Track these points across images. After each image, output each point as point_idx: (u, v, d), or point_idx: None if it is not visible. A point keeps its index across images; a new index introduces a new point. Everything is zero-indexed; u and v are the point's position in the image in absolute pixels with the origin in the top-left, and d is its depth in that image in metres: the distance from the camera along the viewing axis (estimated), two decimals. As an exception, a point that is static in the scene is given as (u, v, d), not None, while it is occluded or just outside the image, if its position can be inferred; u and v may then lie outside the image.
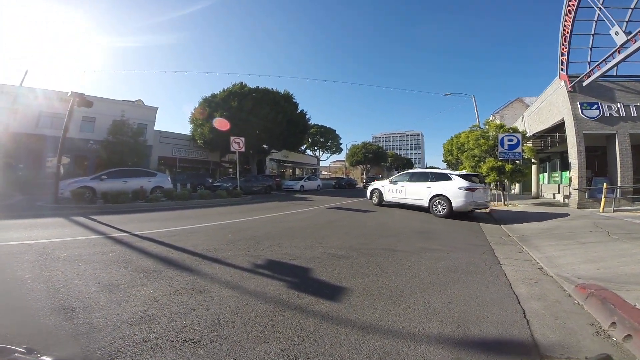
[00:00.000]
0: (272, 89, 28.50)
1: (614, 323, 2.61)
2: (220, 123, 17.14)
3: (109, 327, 2.47)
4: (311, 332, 2.52)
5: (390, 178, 13.76)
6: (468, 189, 10.12)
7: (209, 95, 27.38)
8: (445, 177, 10.98)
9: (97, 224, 7.34)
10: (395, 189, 12.51)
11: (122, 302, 2.95)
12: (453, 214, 10.24)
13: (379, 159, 63.03)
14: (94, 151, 21.78)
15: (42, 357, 0.67)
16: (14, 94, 19.05)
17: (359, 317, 2.84)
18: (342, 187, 34.50)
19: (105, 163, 19.29)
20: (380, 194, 13.16)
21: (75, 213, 9.02)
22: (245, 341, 2.34)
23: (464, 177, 10.61)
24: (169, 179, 16.13)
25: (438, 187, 10.78)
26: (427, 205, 11.01)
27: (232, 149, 17.26)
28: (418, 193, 11.47)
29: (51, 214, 8.69)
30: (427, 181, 11.34)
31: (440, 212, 10.43)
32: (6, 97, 18.80)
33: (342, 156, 63.33)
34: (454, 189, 10.32)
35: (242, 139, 17.53)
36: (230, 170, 31.32)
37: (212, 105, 26.15)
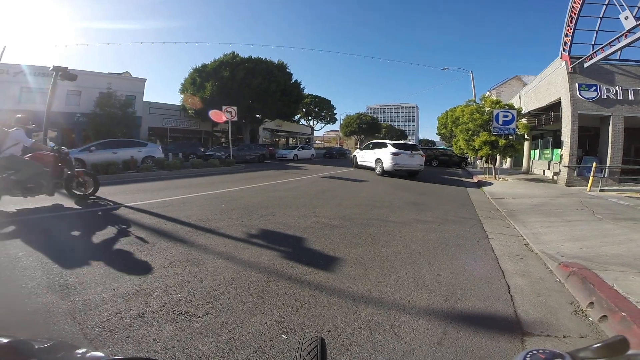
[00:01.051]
0: (266, 58, 27.60)
1: (592, 303, 2.69)
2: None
3: (105, 302, 2.45)
4: (305, 303, 2.58)
5: (361, 147, 17.52)
6: (393, 154, 12.97)
7: (200, 65, 26.39)
8: (385, 146, 13.93)
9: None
10: (362, 155, 16.08)
11: (117, 277, 2.94)
12: (385, 173, 13.25)
13: (373, 130, 62.57)
14: (81, 124, 21.49)
15: None
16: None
17: (351, 288, 2.91)
18: (333, 156, 34.34)
19: (93, 135, 18.96)
20: (356, 159, 16.91)
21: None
22: (240, 312, 2.39)
23: (394, 145, 13.65)
24: (160, 148, 15.99)
25: (379, 153, 13.87)
26: (373, 166, 14.10)
27: (224, 118, 16.92)
28: (370, 157, 14.67)
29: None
30: (376, 149, 14.51)
31: (378, 171, 13.66)
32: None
33: (336, 126, 62.83)
34: (386, 154, 13.26)
35: (235, 108, 17.15)
36: (223, 139, 30.87)
37: (202, 76, 25.26)
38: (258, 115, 29.24)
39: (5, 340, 0.63)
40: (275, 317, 2.34)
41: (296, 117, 44.17)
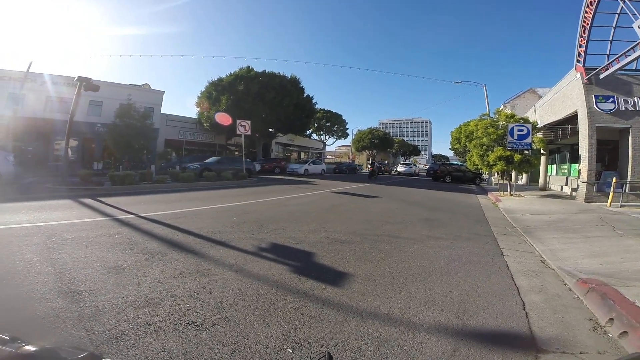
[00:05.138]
0: (279, 73, 28.23)
1: (611, 319, 2.59)
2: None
3: (114, 310, 2.49)
4: (312, 317, 2.56)
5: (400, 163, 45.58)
6: (401, 166, 40.91)
7: (216, 79, 27.19)
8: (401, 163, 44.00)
9: (104, 206, 7.42)
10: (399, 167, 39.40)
11: (128, 285, 2.99)
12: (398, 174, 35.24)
13: (385, 145, 62.31)
14: (102, 134, 22.03)
15: (25, 347, 0.64)
16: (22, 80, 19.11)
17: (360, 303, 2.86)
18: (343, 171, 33.46)
19: (113, 145, 19.48)
20: (397, 169, 38.83)
21: (83, 195, 9.12)
22: (247, 325, 2.38)
23: (401, 163, 44.93)
24: (11, 158, 12.02)
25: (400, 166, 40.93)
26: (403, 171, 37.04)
27: (238, 132, 17.26)
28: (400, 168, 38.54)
29: (60, 196, 8.72)
30: (401, 164, 41.93)
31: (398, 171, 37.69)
32: (14, 83, 18.87)
33: (348, 141, 62.77)
34: (400, 166, 40.28)
35: (248, 122, 17.51)
36: (237, 152, 31.40)
37: (218, 89, 25.97)
38: (271, 130, 29.70)
39: (33, 349, 0.62)
40: (282, 331, 2.33)
41: (308, 132, 44.63)
